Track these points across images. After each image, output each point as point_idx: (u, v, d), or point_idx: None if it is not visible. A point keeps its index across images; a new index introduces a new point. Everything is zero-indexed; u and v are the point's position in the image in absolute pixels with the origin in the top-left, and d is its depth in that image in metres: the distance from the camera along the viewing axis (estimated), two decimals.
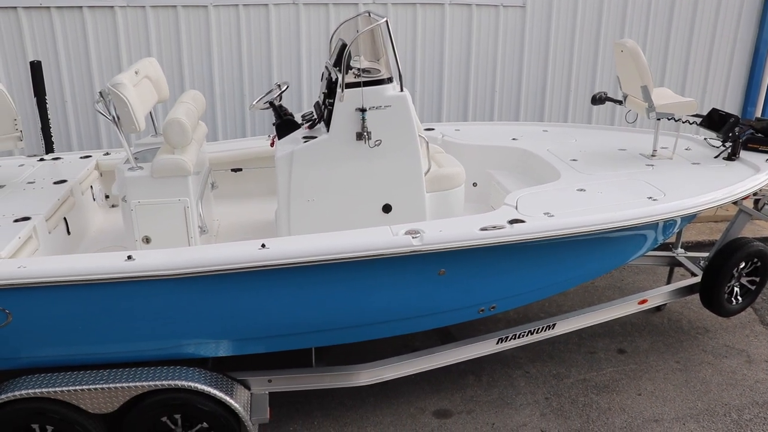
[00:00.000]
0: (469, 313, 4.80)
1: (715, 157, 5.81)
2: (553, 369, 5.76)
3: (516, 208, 4.59)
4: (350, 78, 4.65)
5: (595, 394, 5.41)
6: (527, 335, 5.29)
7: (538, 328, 5.31)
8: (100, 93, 4.75)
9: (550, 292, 5.09)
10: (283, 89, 5.21)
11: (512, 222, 4.35)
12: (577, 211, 4.55)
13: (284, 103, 5.23)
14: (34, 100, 6.60)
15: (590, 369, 5.75)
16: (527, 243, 4.38)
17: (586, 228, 4.40)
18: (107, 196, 6.31)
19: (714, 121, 5.78)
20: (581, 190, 4.97)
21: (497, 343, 5.20)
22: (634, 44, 5.57)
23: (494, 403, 5.33)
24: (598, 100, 6.21)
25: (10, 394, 4.20)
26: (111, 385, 4.25)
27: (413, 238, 4.15)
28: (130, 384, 4.26)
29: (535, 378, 5.64)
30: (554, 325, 5.36)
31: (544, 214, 4.48)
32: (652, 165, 5.56)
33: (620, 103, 6.22)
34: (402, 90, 4.72)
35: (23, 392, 4.21)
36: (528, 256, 4.58)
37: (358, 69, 4.76)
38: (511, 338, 5.23)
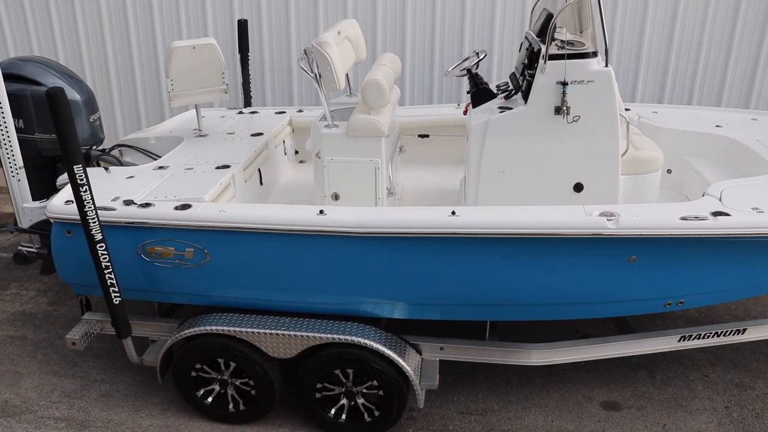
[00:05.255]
0: (655, 306, 4.54)
1: None
2: (736, 377, 5.35)
3: (720, 200, 4.27)
4: (553, 50, 4.50)
5: None
6: (713, 336, 4.93)
7: (727, 331, 4.93)
8: (305, 51, 4.92)
9: (743, 295, 4.70)
10: (481, 57, 5.15)
11: (715, 214, 4.05)
12: None
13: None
14: (238, 56, 6.97)
15: None
16: (730, 238, 4.06)
17: None
18: (297, 152, 6.58)
19: None
20: None
21: (679, 340, 4.89)
22: None
23: (667, 404, 5.05)
24: None
25: (201, 328, 4.53)
26: (292, 333, 4.45)
27: (608, 220, 3.97)
28: (310, 334, 4.44)
29: (715, 384, 5.27)
30: (745, 330, 4.95)
31: (753, 209, 4.12)
32: None
33: None
34: (607, 65, 4.51)
35: (212, 328, 4.52)
36: (727, 252, 4.24)
37: (562, 41, 4.59)
38: (694, 337, 4.90)
